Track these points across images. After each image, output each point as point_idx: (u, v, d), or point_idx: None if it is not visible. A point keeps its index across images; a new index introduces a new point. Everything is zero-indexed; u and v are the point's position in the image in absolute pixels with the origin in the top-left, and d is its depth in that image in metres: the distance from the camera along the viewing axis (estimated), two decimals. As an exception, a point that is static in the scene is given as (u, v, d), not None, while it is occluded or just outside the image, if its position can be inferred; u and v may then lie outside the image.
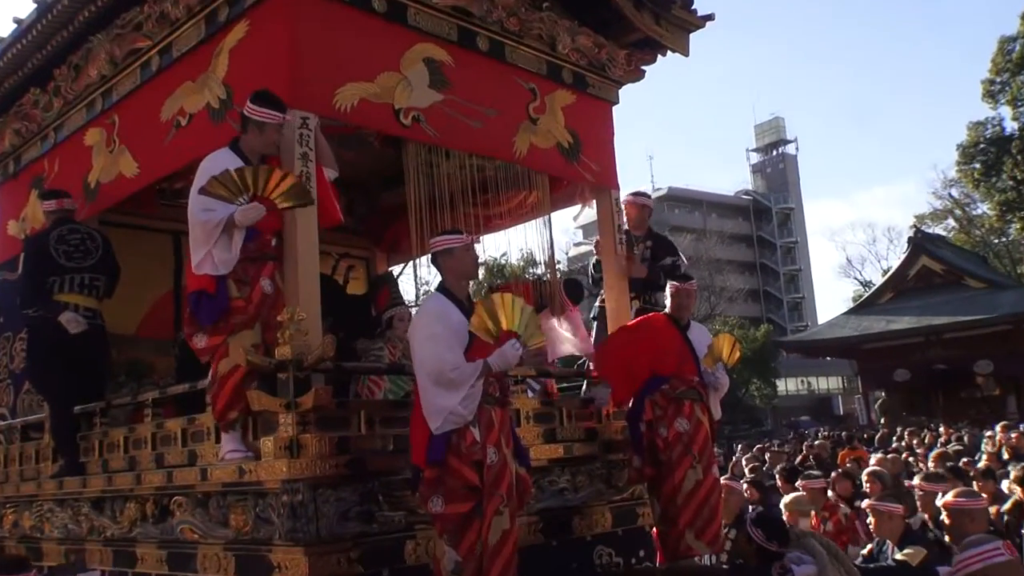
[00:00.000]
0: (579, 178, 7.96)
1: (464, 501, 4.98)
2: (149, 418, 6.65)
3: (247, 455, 5.58)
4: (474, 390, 4.98)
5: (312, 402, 5.21)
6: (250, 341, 5.60)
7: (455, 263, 5.42)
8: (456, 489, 4.97)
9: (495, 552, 4.95)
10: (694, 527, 6.65)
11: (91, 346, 7.31)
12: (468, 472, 4.97)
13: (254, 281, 5.70)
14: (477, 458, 5.00)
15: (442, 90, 6.73)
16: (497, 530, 4.97)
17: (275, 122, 5.73)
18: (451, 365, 4.96)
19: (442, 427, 4.96)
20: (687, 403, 6.89)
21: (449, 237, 5.47)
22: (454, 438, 4.99)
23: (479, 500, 4.99)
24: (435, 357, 5.00)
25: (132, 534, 6.50)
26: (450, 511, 4.97)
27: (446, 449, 4.98)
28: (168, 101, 6.90)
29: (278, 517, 5.20)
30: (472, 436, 5.01)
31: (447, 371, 4.94)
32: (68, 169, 8.21)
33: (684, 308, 7.28)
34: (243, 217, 5.50)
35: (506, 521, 5.01)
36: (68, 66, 7.95)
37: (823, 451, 17.80)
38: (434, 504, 5.00)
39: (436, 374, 4.96)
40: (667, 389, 6.89)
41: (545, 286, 8.62)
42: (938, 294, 40.72)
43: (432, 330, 5.11)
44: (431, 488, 5.00)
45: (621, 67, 8.28)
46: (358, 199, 9.92)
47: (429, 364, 5.02)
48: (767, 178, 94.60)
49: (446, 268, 5.44)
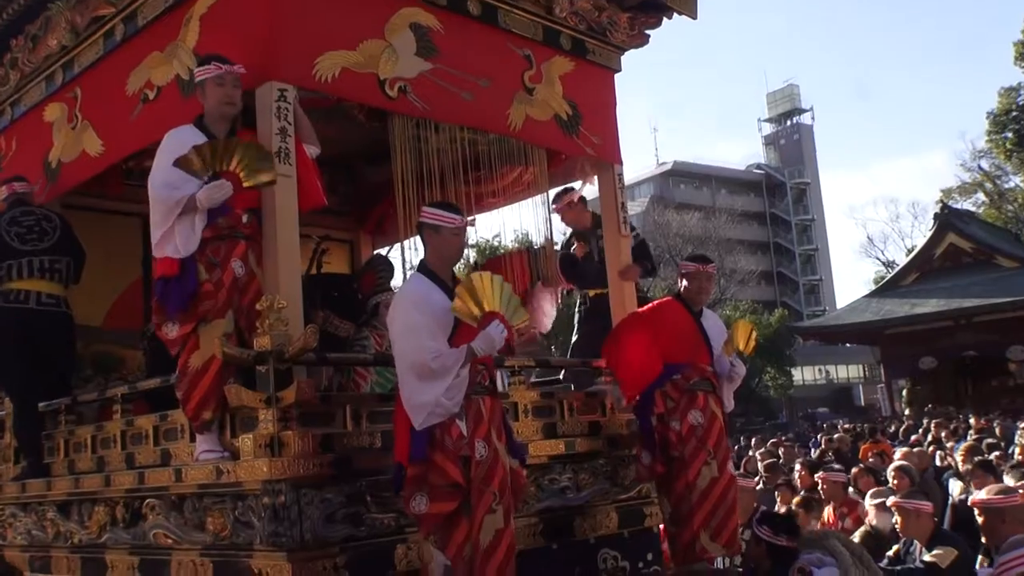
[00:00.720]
0: (579, 152, 7.95)
1: (449, 500, 4.94)
2: (118, 415, 6.65)
3: (223, 455, 5.58)
4: (459, 379, 4.92)
5: (294, 396, 5.22)
6: (222, 330, 5.57)
7: (440, 243, 5.33)
8: (440, 487, 4.93)
9: (488, 554, 4.92)
10: (709, 528, 6.59)
11: (55, 336, 7.31)
12: (452, 469, 4.93)
13: (224, 263, 5.68)
14: (464, 453, 4.97)
15: (430, 58, 6.70)
16: (490, 530, 4.94)
17: (209, 75, 5.78)
18: (432, 353, 4.89)
19: (426, 421, 4.91)
20: (701, 395, 6.85)
21: (441, 212, 5.34)
22: (438, 432, 4.95)
23: (464, 499, 4.96)
24: (415, 348, 4.94)
25: (101, 539, 6.51)
26: (434, 511, 4.93)
27: (429, 445, 4.95)
28: (134, 73, 6.88)
29: (259, 520, 5.21)
30: (458, 430, 4.97)
31: (428, 361, 4.88)
32: (27, 147, 8.19)
33: (702, 292, 7.19)
34: (207, 197, 5.51)
35: (500, 520, 4.99)
36: (25, 36, 7.92)
37: (843, 445, 17.82)
38: (417, 504, 4.94)
39: (418, 366, 4.91)
40: (680, 380, 6.83)
41: (541, 257, 8.63)
42: (967, 274, 40.76)
43: (410, 319, 5.05)
44: (414, 487, 4.96)
45: (623, 31, 8.26)
46: (340, 177, 9.92)
47: (410, 356, 4.97)
48: (781, 150, 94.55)
49: (430, 245, 5.36)
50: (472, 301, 4.99)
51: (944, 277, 41.68)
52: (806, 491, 10.64)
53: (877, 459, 13.54)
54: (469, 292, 4.99)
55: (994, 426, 21.67)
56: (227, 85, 5.81)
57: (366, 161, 9.58)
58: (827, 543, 5.97)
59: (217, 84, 5.79)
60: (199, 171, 5.51)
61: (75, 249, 7.56)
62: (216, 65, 5.78)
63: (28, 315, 7.22)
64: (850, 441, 19.46)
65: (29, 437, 7.38)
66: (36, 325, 7.18)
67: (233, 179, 5.52)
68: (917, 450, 13.78)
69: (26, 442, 7.41)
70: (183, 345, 5.67)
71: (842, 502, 9.06)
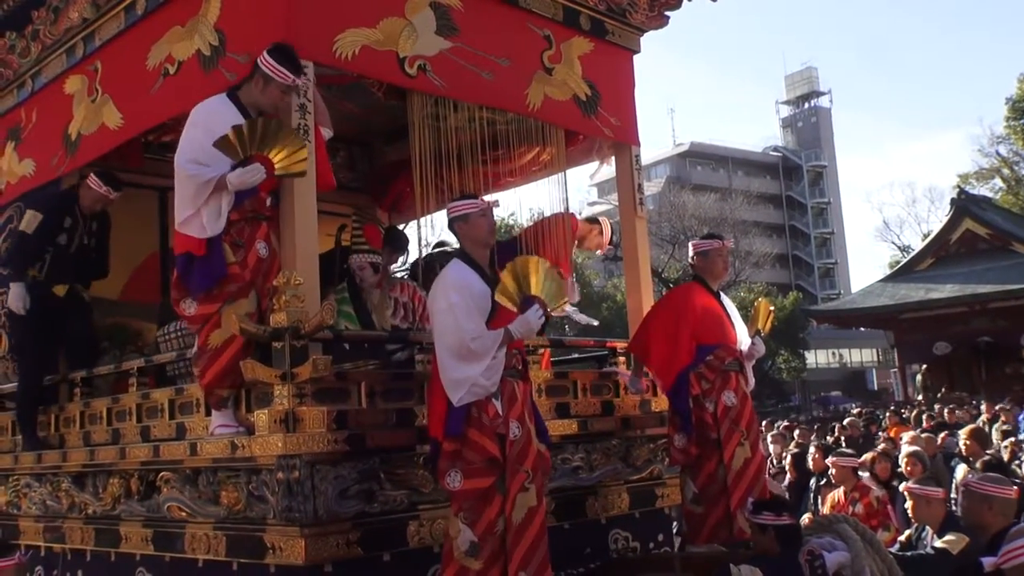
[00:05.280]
0: (597, 133, 7.93)
1: (484, 476, 5.07)
2: (134, 388, 6.69)
3: (239, 431, 5.62)
4: (496, 360, 5.07)
5: (309, 373, 5.24)
6: (245, 310, 5.60)
7: (470, 229, 5.51)
8: (476, 463, 5.06)
9: (520, 531, 5.05)
10: (745, 508, 6.46)
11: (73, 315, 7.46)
12: (490, 444, 5.06)
13: (249, 244, 5.71)
14: (499, 431, 5.09)
15: (450, 37, 6.70)
16: (522, 507, 5.07)
17: (285, 82, 5.70)
18: (472, 335, 5.04)
19: (464, 399, 5.04)
20: (733, 375, 6.89)
21: (464, 202, 5.56)
22: (474, 410, 5.07)
23: (500, 475, 5.08)
24: (455, 328, 5.08)
25: (116, 511, 6.56)
26: (469, 486, 5.05)
27: (466, 421, 5.06)
28: (155, 47, 6.87)
29: (273, 495, 5.24)
30: (494, 408, 5.10)
31: (467, 341, 5.02)
32: (47, 119, 8.20)
33: (725, 268, 7.28)
34: (240, 180, 5.51)
35: (533, 498, 5.11)
36: (47, 8, 7.94)
37: (855, 430, 17.75)
38: (451, 479, 5.07)
39: (456, 346, 5.05)
40: (714, 360, 6.83)
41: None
42: (983, 260, 40.47)
43: (449, 300, 5.18)
44: (449, 462, 5.08)
45: (643, 12, 8.22)
46: (359, 154, 9.92)
47: (449, 336, 5.10)
48: (798, 133, 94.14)
49: (462, 235, 5.55)
50: (516, 284, 5.12)
51: (960, 262, 41.39)
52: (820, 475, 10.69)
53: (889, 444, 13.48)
54: (514, 275, 5.13)
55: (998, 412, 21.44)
56: (289, 95, 5.79)
57: (384, 139, 9.58)
58: (838, 527, 5.97)
59: (282, 91, 5.74)
60: (236, 153, 5.50)
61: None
62: (288, 76, 5.66)
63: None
64: (862, 426, 19.39)
65: (24, 413, 7.56)
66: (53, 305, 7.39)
67: (266, 163, 5.52)
68: (926, 435, 13.74)
69: (22, 417, 7.58)
70: (203, 323, 5.68)
71: (853, 486, 9.05)
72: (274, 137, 5.54)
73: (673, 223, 54.82)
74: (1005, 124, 51.62)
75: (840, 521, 6.14)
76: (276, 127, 5.59)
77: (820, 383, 65.85)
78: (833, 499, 9.16)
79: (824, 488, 10.02)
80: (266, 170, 5.52)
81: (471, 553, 5.03)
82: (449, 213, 5.58)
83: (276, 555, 5.23)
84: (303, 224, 5.81)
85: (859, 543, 5.78)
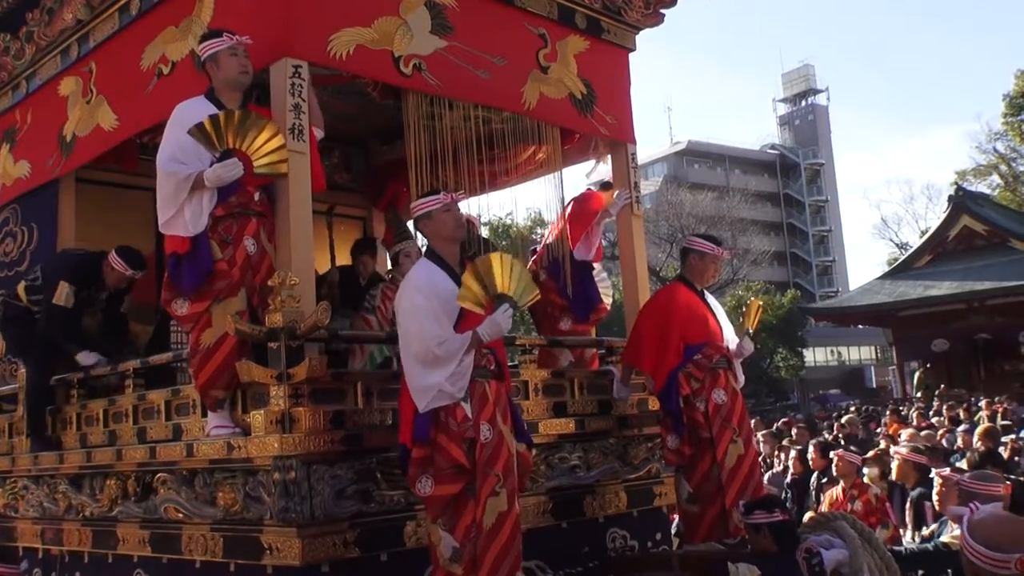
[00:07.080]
0: (593, 131, 7.93)
1: (453, 482, 4.99)
2: (130, 389, 6.68)
3: (234, 431, 5.62)
4: (463, 366, 4.97)
5: (306, 373, 5.23)
6: (235, 308, 5.60)
7: (436, 226, 5.45)
8: (444, 469, 4.98)
9: (490, 536, 4.97)
10: (739, 509, 6.57)
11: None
12: (456, 451, 4.98)
13: (237, 241, 5.71)
14: (468, 436, 5.01)
15: (445, 36, 6.69)
16: (492, 512, 4.98)
17: (223, 46, 5.80)
18: (436, 339, 4.95)
19: (429, 405, 4.97)
20: (722, 373, 6.90)
21: (426, 200, 5.48)
22: (442, 415, 5.00)
23: (470, 481, 5.00)
24: (419, 333, 5.00)
25: (113, 513, 6.55)
26: (439, 492, 4.99)
27: (433, 427, 4.99)
28: (149, 48, 6.88)
29: (269, 496, 5.24)
30: (463, 412, 5.02)
31: (432, 347, 4.93)
32: (42, 121, 8.21)
33: (712, 275, 7.28)
34: (216, 176, 5.52)
35: (503, 502, 5.02)
36: (41, 10, 7.94)
37: (854, 428, 17.74)
38: (422, 486, 5.02)
39: (422, 352, 4.96)
40: (702, 359, 6.82)
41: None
42: (981, 257, 40.47)
43: (414, 302, 5.10)
44: (419, 468, 5.02)
45: (639, 10, 8.21)
46: (354, 155, 9.91)
47: (413, 341, 5.03)
48: (795, 131, 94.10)
49: (428, 233, 5.51)
50: (480, 285, 5.00)
51: (958, 259, 41.38)
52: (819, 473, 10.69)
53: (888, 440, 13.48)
54: (476, 276, 5.01)
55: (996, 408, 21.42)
56: (240, 55, 5.84)
57: (380, 139, 9.57)
58: (836, 525, 5.97)
59: (231, 54, 5.82)
60: (212, 144, 5.50)
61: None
62: (228, 36, 5.80)
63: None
64: (860, 424, 19.38)
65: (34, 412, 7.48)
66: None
67: (244, 158, 5.52)
68: (924, 433, 13.75)
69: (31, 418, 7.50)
70: (195, 323, 5.68)
71: (853, 483, 9.05)
72: (251, 128, 5.54)
73: (670, 222, 54.80)
74: (1003, 120, 51.56)
75: (838, 518, 6.13)
76: (253, 119, 5.60)
77: (818, 381, 65.77)
78: (832, 496, 9.17)
79: (826, 485, 10.04)
80: (244, 166, 5.53)
81: (454, 559, 4.99)
82: (412, 213, 5.53)
83: (273, 556, 5.23)
84: (299, 224, 5.79)
85: (857, 541, 5.78)
